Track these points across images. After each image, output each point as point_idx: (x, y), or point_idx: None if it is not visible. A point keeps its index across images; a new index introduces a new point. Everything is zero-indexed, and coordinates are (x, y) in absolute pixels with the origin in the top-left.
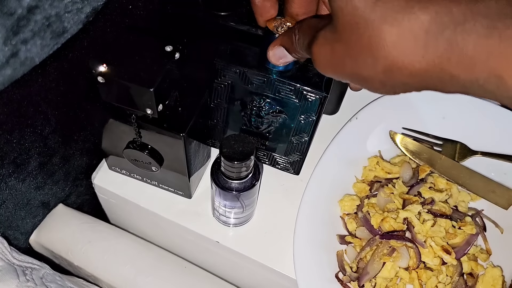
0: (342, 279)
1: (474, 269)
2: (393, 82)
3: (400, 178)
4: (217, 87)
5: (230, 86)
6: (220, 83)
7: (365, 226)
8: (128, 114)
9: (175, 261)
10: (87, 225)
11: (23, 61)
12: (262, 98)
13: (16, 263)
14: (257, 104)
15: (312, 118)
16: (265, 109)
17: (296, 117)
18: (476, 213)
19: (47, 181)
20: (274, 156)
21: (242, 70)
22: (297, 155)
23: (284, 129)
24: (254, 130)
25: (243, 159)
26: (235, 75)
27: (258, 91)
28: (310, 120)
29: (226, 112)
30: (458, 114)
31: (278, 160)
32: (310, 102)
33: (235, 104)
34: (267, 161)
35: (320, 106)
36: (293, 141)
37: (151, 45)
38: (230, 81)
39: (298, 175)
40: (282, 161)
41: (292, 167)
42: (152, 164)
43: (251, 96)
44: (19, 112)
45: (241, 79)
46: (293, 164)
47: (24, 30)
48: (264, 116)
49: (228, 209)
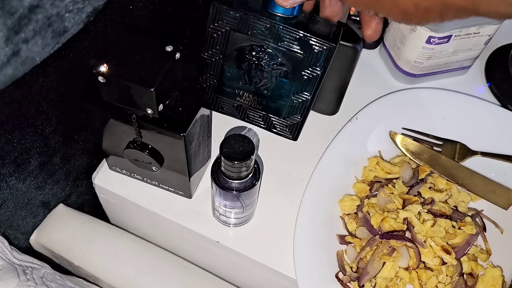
0: (342, 279)
1: (474, 269)
2: (430, 2)
3: (400, 178)
4: (213, 34)
5: (228, 33)
6: (216, 30)
7: (365, 226)
8: (129, 114)
9: (175, 261)
10: (87, 225)
11: (24, 60)
12: (262, 47)
13: (16, 263)
14: (257, 55)
15: (316, 72)
16: (265, 61)
17: (299, 71)
18: (476, 213)
19: (48, 181)
20: (271, 119)
21: (242, 14)
22: (296, 117)
23: (285, 85)
24: (251, 88)
25: (243, 159)
26: (233, 20)
27: (258, 39)
28: (314, 75)
29: (221, 66)
30: (458, 115)
31: (275, 122)
32: (315, 54)
33: (231, 55)
34: (263, 123)
35: (326, 60)
36: (294, 100)
37: (151, 45)
38: (228, 27)
39: (295, 140)
40: (280, 123)
41: (290, 131)
42: (152, 164)
43: (250, 45)
44: (20, 111)
45: (240, 24)
46: (291, 128)
47: (25, 29)
48: (264, 69)
49: (228, 209)
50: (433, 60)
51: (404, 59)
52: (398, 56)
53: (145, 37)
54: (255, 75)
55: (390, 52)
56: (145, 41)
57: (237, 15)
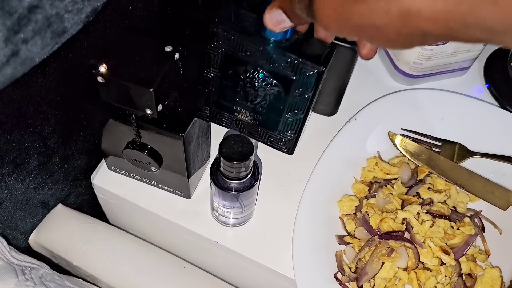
0: (341, 279)
1: (472, 269)
2: (410, 29)
3: (399, 179)
4: (210, 54)
5: (223, 54)
6: (213, 50)
7: (364, 227)
8: (128, 114)
9: (174, 261)
10: (86, 225)
11: (23, 61)
12: (256, 68)
13: (15, 263)
14: (251, 75)
15: (308, 94)
16: (259, 81)
17: (291, 91)
18: (474, 214)
19: (47, 181)
20: (268, 133)
21: (237, 37)
22: (291, 133)
23: (279, 104)
24: (248, 105)
25: (242, 159)
26: (229, 42)
27: (252, 61)
28: (306, 96)
29: (219, 83)
30: (457, 115)
31: (271, 138)
32: (306, 76)
33: (228, 74)
34: (261, 138)
35: (316, 82)
36: (288, 118)
37: (150, 45)
38: (224, 48)
39: (291, 155)
40: (276, 139)
41: (285, 146)
42: (151, 164)
43: (245, 65)
44: (19, 112)
45: (235, 46)
46: (286, 143)
47: (25, 29)
48: (258, 88)
49: (227, 209)
50: (432, 61)
51: (403, 60)
52: (397, 57)
53: (145, 38)
54: (250, 94)
55: (389, 53)
56: (145, 41)
57: (232, 38)
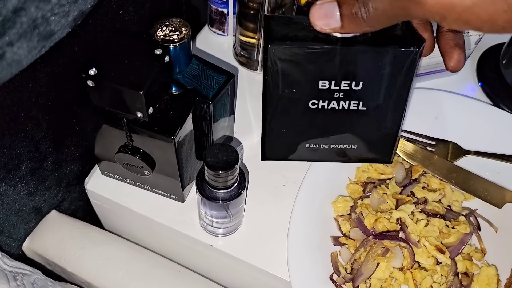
0: (337, 280)
1: (469, 268)
2: None
3: (393, 179)
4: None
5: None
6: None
7: (359, 227)
8: (119, 118)
9: (169, 266)
10: (80, 231)
11: (9, 63)
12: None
13: (6, 269)
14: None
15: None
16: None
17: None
18: (470, 213)
19: (39, 186)
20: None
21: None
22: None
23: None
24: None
25: (228, 168)
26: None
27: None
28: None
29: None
30: (451, 114)
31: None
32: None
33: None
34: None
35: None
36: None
37: (140, 48)
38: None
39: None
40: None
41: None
42: (144, 168)
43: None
44: (9, 117)
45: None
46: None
47: (10, 32)
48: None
49: (215, 219)
50: (424, 61)
51: None
52: None
53: (134, 41)
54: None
55: None
56: (134, 44)
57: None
